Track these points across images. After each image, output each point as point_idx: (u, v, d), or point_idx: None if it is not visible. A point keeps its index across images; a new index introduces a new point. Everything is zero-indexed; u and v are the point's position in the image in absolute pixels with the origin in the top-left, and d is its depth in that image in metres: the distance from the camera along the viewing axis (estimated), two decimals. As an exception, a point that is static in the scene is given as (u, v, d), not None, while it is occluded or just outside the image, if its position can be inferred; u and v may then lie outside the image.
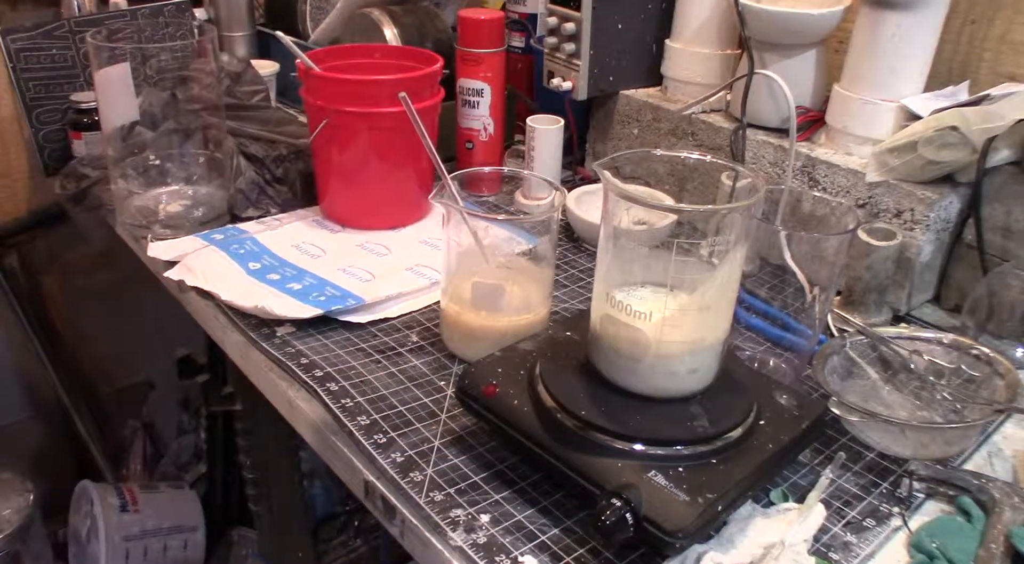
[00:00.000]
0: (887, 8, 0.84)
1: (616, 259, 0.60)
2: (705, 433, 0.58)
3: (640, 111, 1.08)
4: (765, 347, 0.75)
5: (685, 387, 0.60)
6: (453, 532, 0.57)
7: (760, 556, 0.56)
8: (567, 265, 0.96)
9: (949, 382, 0.71)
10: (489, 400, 0.63)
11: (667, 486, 0.54)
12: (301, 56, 0.94)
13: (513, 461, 0.64)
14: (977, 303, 0.79)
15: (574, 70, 1.06)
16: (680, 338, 0.58)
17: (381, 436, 0.66)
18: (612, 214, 0.59)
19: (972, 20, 0.91)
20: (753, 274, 0.72)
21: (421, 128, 0.75)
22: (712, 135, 1.00)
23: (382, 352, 0.77)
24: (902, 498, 0.62)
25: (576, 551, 0.56)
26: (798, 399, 0.64)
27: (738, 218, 0.56)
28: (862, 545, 0.58)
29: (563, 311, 0.86)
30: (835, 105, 0.91)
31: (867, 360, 0.73)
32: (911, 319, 0.87)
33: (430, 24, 1.20)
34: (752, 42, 0.94)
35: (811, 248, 0.69)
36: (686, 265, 0.57)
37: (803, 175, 0.91)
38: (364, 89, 0.93)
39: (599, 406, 0.60)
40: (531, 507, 0.60)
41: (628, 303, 0.59)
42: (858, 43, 0.88)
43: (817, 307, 0.71)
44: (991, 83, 0.88)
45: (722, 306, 0.60)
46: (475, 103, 1.08)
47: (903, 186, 0.83)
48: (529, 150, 1.06)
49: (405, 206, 1.01)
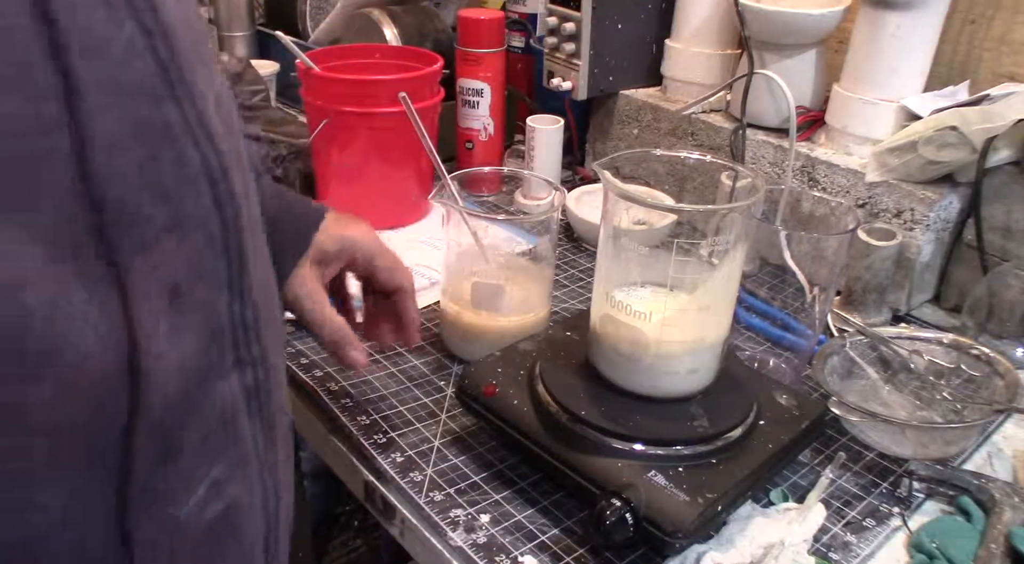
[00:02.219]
0: (887, 8, 0.84)
1: (616, 259, 0.60)
2: (705, 433, 0.58)
3: (640, 111, 1.08)
4: (765, 347, 0.75)
5: (685, 387, 0.60)
6: (453, 532, 0.57)
7: (760, 556, 0.56)
8: (567, 265, 0.96)
9: (949, 382, 0.71)
10: (489, 400, 0.63)
11: (667, 486, 0.54)
12: (301, 56, 0.94)
13: (513, 461, 0.64)
14: (977, 303, 0.79)
15: (574, 70, 1.06)
16: (680, 338, 0.58)
17: (381, 436, 0.66)
18: (612, 214, 0.59)
19: (972, 20, 0.91)
20: (753, 274, 0.72)
21: (421, 128, 0.75)
22: (712, 135, 1.00)
23: (382, 352, 0.77)
24: (902, 498, 0.62)
25: (576, 551, 0.56)
26: (798, 399, 0.64)
27: (738, 218, 0.56)
28: (862, 545, 0.58)
29: (563, 311, 0.86)
30: (835, 105, 0.91)
31: (867, 360, 0.73)
32: (911, 319, 0.87)
33: (430, 24, 1.20)
34: (752, 42, 0.94)
35: (811, 248, 0.69)
36: (686, 265, 0.57)
37: (803, 175, 0.91)
38: (364, 89, 0.93)
39: (599, 406, 0.60)
40: (531, 507, 0.60)
41: (628, 303, 0.59)
42: (858, 43, 0.88)
43: (817, 307, 0.71)
44: (991, 83, 0.88)
45: (722, 306, 0.60)
46: (475, 103, 1.08)
47: (903, 186, 0.83)
48: (529, 150, 1.06)
49: (405, 206, 1.01)
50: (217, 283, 0.32)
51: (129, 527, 0.29)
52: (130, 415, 0.28)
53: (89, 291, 0.26)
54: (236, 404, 0.34)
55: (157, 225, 0.28)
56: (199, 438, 0.32)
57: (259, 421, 0.36)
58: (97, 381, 0.26)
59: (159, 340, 0.28)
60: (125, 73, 0.26)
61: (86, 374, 0.26)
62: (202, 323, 0.31)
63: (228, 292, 0.32)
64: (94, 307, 0.26)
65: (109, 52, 0.26)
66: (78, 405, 0.26)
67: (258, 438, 0.36)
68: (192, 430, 0.31)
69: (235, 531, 0.36)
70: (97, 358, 0.26)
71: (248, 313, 0.34)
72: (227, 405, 0.33)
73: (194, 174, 0.29)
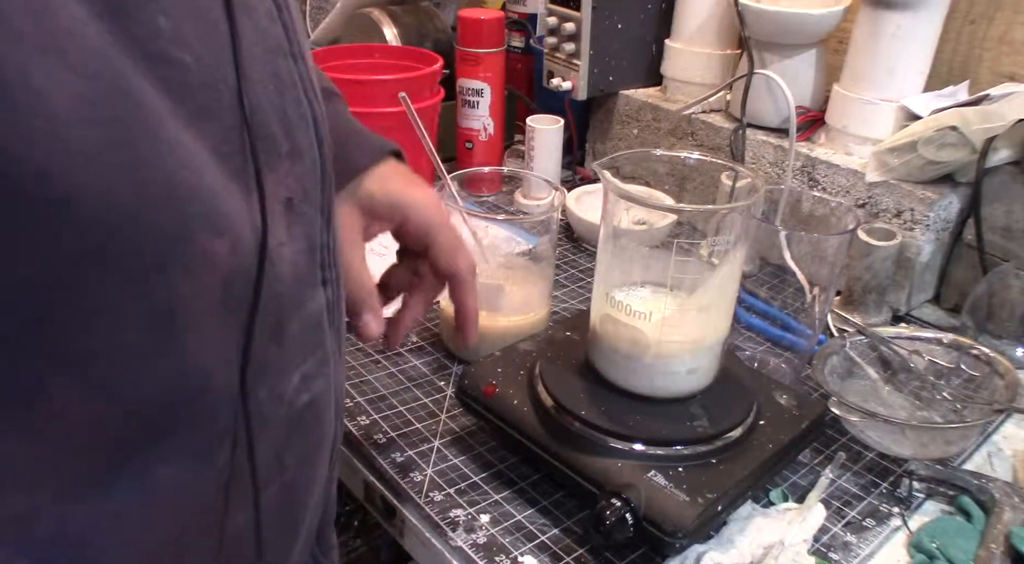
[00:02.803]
0: (887, 8, 0.84)
1: (616, 259, 0.60)
2: (705, 433, 0.58)
3: (640, 111, 1.08)
4: (765, 347, 0.75)
5: (685, 387, 0.60)
6: (453, 532, 0.57)
7: (760, 556, 0.56)
8: (567, 265, 0.96)
9: (949, 382, 0.71)
10: (489, 400, 0.63)
11: (667, 486, 0.54)
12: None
13: (513, 461, 0.64)
14: (977, 303, 0.79)
15: (574, 70, 1.06)
16: (680, 338, 0.58)
17: (381, 436, 0.66)
18: (612, 214, 0.59)
19: (972, 20, 0.91)
20: (753, 274, 0.72)
21: (421, 128, 0.74)
22: (712, 135, 1.00)
23: (382, 352, 0.77)
24: (902, 498, 0.62)
25: (576, 551, 0.56)
26: (798, 399, 0.64)
27: (738, 218, 0.56)
28: (862, 545, 0.58)
29: (563, 311, 0.86)
30: (835, 105, 0.91)
31: (867, 360, 0.73)
32: (911, 319, 0.87)
33: (430, 24, 1.20)
34: (752, 42, 0.94)
35: (811, 248, 0.69)
36: (686, 265, 0.57)
37: (803, 175, 0.91)
38: (364, 89, 0.93)
39: (599, 406, 0.60)
40: (531, 507, 0.60)
41: (628, 303, 0.59)
42: (858, 43, 0.88)
43: (817, 307, 0.71)
44: (991, 83, 0.88)
45: (722, 306, 0.60)
46: (475, 103, 1.08)
47: (903, 186, 0.83)
48: (529, 150, 1.06)
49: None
50: (315, 205, 0.39)
51: (247, 391, 0.35)
52: (256, 288, 0.34)
53: (239, 185, 0.33)
54: (321, 312, 0.41)
55: (283, 149, 0.36)
56: (299, 330, 0.38)
57: (334, 332, 0.43)
58: (243, 251, 0.33)
59: (281, 234, 0.36)
60: (266, 33, 0.35)
61: (241, 240, 0.33)
62: (304, 235, 0.38)
63: (320, 216, 0.39)
64: (242, 197, 0.33)
65: (259, 16, 0.35)
66: (232, 264, 0.32)
67: (334, 348, 0.43)
68: (295, 322, 0.38)
69: (318, 418, 0.42)
70: (246, 232, 0.33)
71: (331, 238, 0.41)
72: (317, 311, 0.40)
73: (305, 114, 0.37)
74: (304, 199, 0.38)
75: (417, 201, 0.55)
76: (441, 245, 0.56)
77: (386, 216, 0.55)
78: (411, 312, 0.60)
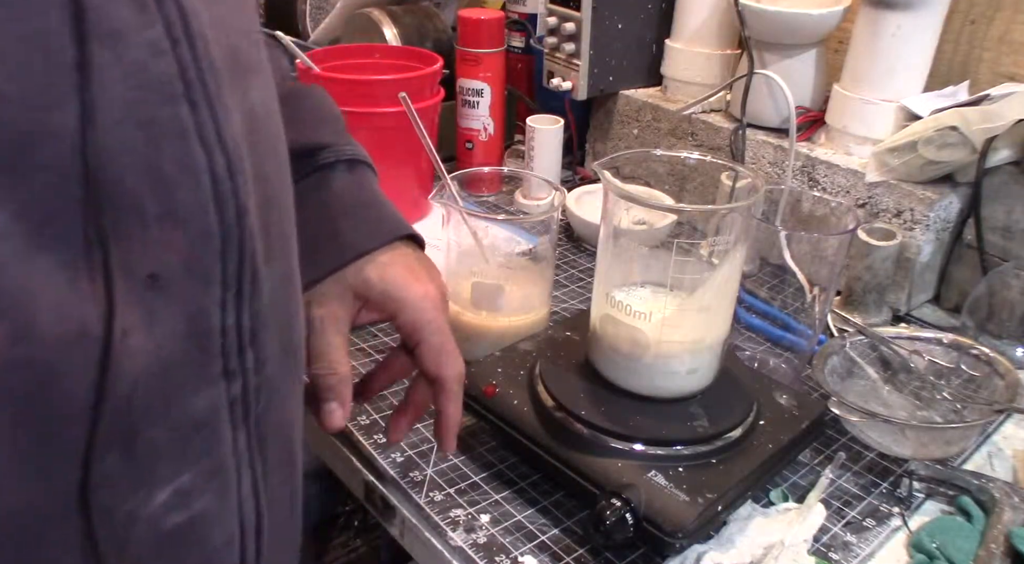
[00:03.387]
0: (887, 8, 0.84)
1: (616, 259, 0.60)
2: (705, 433, 0.58)
3: (640, 111, 1.08)
4: (765, 347, 0.75)
5: (685, 387, 0.60)
6: (453, 532, 0.57)
7: (760, 556, 0.56)
8: (567, 265, 0.96)
9: (949, 382, 0.71)
10: (489, 400, 0.63)
11: (667, 486, 0.54)
12: (301, 56, 0.94)
13: (513, 461, 0.64)
14: (977, 303, 0.79)
15: (574, 70, 1.06)
16: (680, 338, 0.58)
17: (381, 436, 0.66)
18: (612, 214, 0.59)
19: (972, 20, 0.91)
20: (753, 274, 0.72)
21: (421, 128, 0.74)
22: (712, 135, 1.00)
23: (382, 352, 0.77)
24: (902, 498, 0.62)
25: (576, 551, 0.56)
26: (798, 399, 0.64)
27: (738, 218, 0.56)
28: (862, 545, 0.58)
29: (563, 311, 0.86)
30: (835, 105, 0.91)
31: (867, 360, 0.73)
32: (911, 319, 0.87)
33: (430, 24, 1.20)
34: (752, 42, 0.94)
35: (811, 248, 0.69)
36: (686, 265, 0.57)
37: (803, 175, 0.91)
38: (364, 89, 0.93)
39: (599, 406, 0.60)
40: (531, 507, 0.60)
41: (628, 303, 0.59)
42: (858, 43, 0.88)
43: (817, 307, 0.71)
44: (991, 83, 0.88)
45: (722, 306, 0.60)
46: (475, 103, 1.08)
47: (903, 186, 0.83)
48: (529, 150, 1.06)
49: (405, 206, 1.00)
50: (206, 281, 0.31)
51: (91, 515, 0.30)
52: (97, 395, 0.28)
53: (57, 255, 0.27)
54: (217, 413, 0.33)
55: (148, 213, 0.29)
56: (166, 439, 0.31)
57: (245, 434, 0.35)
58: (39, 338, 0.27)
59: (133, 319, 0.29)
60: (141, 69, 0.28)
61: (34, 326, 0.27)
62: (183, 319, 0.31)
63: (221, 293, 0.32)
64: (59, 271, 0.27)
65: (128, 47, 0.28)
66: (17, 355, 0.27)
67: (242, 452, 0.35)
68: (160, 428, 0.31)
69: (200, 543, 0.34)
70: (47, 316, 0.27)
71: (245, 319, 0.33)
72: (205, 413, 0.33)
73: (195, 169, 0.30)
74: (185, 274, 0.30)
75: (412, 299, 0.53)
76: (430, 347, 0.53)
77: (378, 307, 0.54)
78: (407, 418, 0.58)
